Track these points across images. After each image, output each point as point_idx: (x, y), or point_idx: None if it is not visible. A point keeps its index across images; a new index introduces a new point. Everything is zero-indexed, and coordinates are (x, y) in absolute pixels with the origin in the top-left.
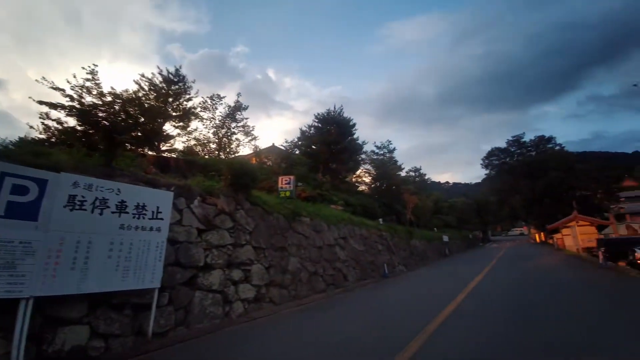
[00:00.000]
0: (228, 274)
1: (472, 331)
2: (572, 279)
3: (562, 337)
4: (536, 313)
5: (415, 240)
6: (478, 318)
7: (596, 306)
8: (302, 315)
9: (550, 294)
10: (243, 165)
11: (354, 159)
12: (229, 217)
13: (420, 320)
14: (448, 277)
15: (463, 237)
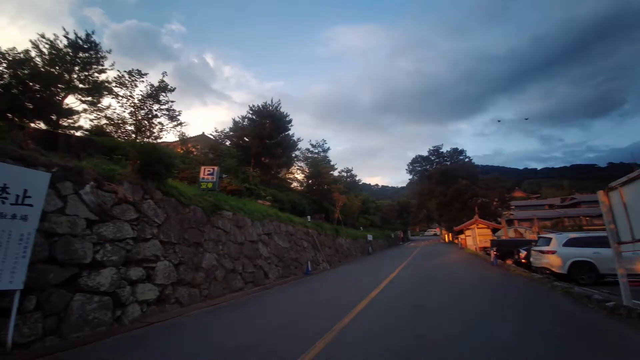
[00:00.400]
0: (124, 272)
1: (381, 327)
2: (469, 274)
3: (457, 315)
4: (439, 300)
5: (341, 239)
6: (388, 312)
7: (485, 293)
8: (210, 317)
9: (451, 286)
10: (156, 150)
11: (288, 155)
12: (133, 208)
13: (331, 318)
14: (367, 273)
15: (386, 236)
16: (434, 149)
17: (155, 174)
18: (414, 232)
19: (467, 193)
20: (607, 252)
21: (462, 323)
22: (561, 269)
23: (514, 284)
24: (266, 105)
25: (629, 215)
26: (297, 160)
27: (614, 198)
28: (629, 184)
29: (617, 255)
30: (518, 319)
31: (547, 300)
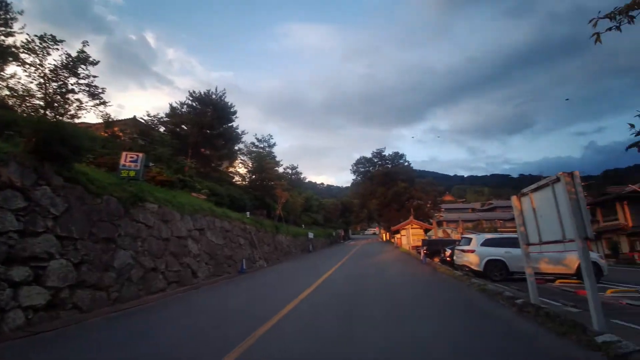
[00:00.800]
0: (4, 272)
1: (302, 332)
2: (399, 272)
3: (388, 304)
4: (368, 300)
5: (282, 236)
6: (314, 315)
7: (411, 292)
8: (113, 324)
9: (381, 285)
10: (59, 128)
11: (230, 147)
12: (20, 195)
13: (253, 323)
14: (303, 272)
15: (327, 235)
16: (377, 151)
17: (56, 156)
18: (355, 231)
19: (405, 195)
20: (516, 251)
21: (386, 323)
22: (478, 266)
23: (438, 282)
24: (209, 93)
25: (537, 219)
26: (241, 154)
27: (525, 203)
28: (539, 190)
29: (525, 255)
30: (438, 317)
31: (465, 298)
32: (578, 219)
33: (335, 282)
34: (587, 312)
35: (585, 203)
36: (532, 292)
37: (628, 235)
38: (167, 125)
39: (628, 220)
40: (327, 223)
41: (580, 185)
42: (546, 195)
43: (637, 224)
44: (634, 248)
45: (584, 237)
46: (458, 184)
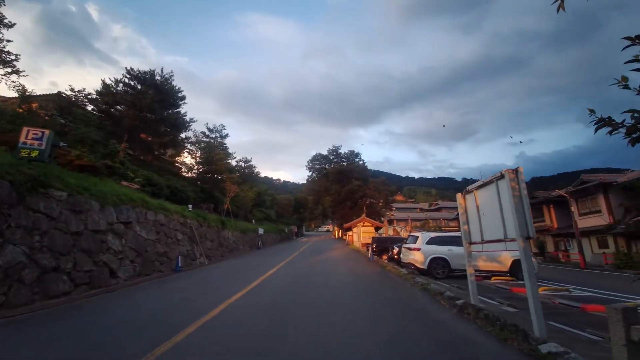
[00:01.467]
0: None
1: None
2: (345, 270)
3: (325, 306)
4: (310, 295)
5: (228, 231)
6: (243, 321)
7: (354, 292)
8: None
9: (324, 284)
10: None
11: (175, 135)
12: None
13: (164, 332)
14: (247, 269)
15: (280, 231)
16: (334, 149)
17: None
18: (310, 228)
19: (358, 193)
20: (458, 249)
21: (317, 328)
22: (423, 264)
23: (382, 280)
24: (153, 73)
25: (480, 217)
26: (189, 143)
27: (470, 201)
28: (483, 188)
29: (467, 254)
30: (375, 320)
31: (406, 298)
32: (520, 217)
33: (275, 281)
34: (523, 312)
35: (528, 201)
36: (472, 292)
37: (553, 235)
38: (98, 104)
39: (554, 222)
40: (280, 219)
41: (524, 182)
42: (490, 193)
43: (561, 225)
44: (558, 247)
45: (526, 237)
46: (409, 185)
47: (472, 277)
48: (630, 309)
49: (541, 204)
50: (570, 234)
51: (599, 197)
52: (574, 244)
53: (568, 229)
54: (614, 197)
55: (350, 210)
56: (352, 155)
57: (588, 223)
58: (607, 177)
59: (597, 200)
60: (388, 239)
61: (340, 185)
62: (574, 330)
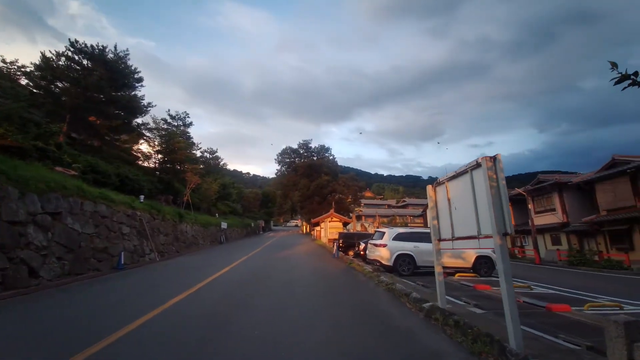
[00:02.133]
0: None
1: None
2: (307, 266)
3: (275, 311)
4: (263, 296)
5: (186, 225)
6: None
7: (313, 291)
8: None
9: (283, 278)
10: None
11: (128, 119)
12: None
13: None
14: (200, 266)
15: (245, 225)
16: (304, 142)
17: None
18: (278, 223)
19: (327, 188)
20: (424, 246)
21: (263, 340)
22: (388, 261)
23: (345, 279)
24: (104, 49)
25: (452, 212)
26: (146, 129)
27: (441, 193)
28: (456, 179)
29: (436, 252)
30: (330, 329)
31: (369, 301)
32: (498, 211)
33: (226, 281)
34: (491, 314)
35: (506, 193)
36: (440, 294)
37: None
38: (35, 79)
39: (511, 219)
40: (247, 213)
41: (502, 171)
42: (464, 185)
43: (518, 222)
44: (514, 244)
45: (503, 233)
46: (377, 182)
47: (440, 276)
48: (633, 323)
49: None
50: (526, 231)
51: (554, 196)
52: (529, 240)
53: (524, 226)
54: (568, 197)
55: (319, 205)
56: (323, 150)
57: (543, 221)
58: (562, 178)
59: (552, 199)
60: (355, 235)
61: (310, 179)
62: (546, 336)
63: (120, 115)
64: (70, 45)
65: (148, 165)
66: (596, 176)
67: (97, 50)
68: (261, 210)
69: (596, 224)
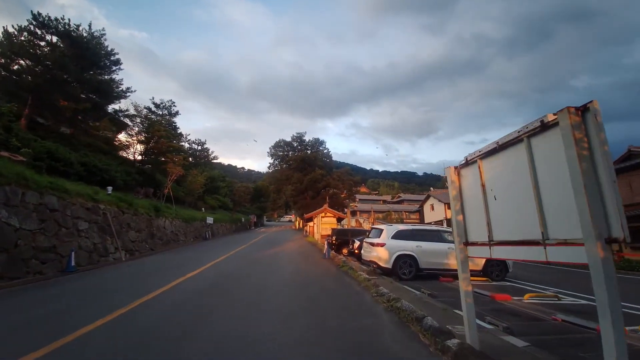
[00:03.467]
0: None
1: None
2: (291, 270)
3: (249, 326)
4: (237, 305)
5: (165, 220)
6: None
7: (290, 305)
8: None
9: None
10: None
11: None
12: None
13: None
14: (175, 265)
15: (235, 220)
16: (298, 135)
17: None
18: (272, 218)
19: (321, 182)
20: (427, 245)
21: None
22: (387, 263)
23: (335, 290)
24: (78, 28)
25: (488, 203)
26: (126, 117)
27: (468, 178)
28: (497, 154)
29: (461, 262)
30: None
31: (367, 326)
32: (594, 200)
33: (187, 289)
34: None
35: (612, 166)
36: (469, 325)
37: None
38: None
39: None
40: (239, 208)
41: (603, 130)
42: (511, 162)
43: None
44: None
45: (607, 238)
46: (373, 178)
47: (469, 298)
48: None
49: None
50: None
51: None
52: None
53: None
54: None
55: (313, 200)
56: (317, 143)
57: None
58: None
59: None
60: (349, 231)
61: (303, 173)
62: None
63: (90, 99)
64: (32, 19)
65: (127, 155)
66: None
67: (63, 25)
68: (254, 205)
69: None
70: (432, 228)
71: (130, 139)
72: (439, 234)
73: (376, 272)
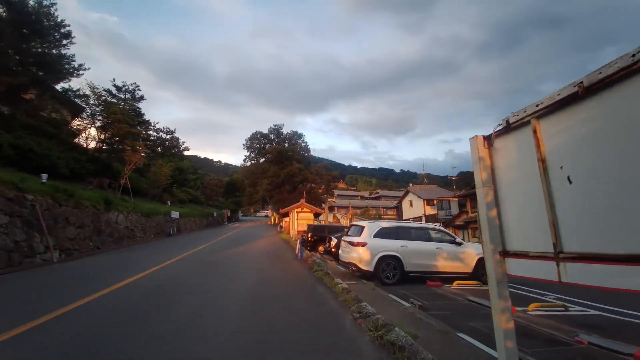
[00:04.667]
0: None
1: None
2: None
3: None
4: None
5: (118, 214)
6: None
7: (251, 318)
8: None
9: (217, 297)
10: None
11: (45, 79)
12: None
13: None
14: (116, 269)
15: (206, 215)
16: (275, 127)
17: None
18: (248, 213)
19: (298, 176)
20: (413, 245)
21: None
22: (368, 265)
23: (303, 309)
24: None
25: (551, 190)
26: (77, 97)
27: (511, 151)
28: (574, 105)
29: (496, 282)
30: None
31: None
32: None
33: (97, 312)
34: None
35: None
36: None
37: None
38: None
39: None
40: (210, 202)
41: None
42: (609, 115)
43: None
44: None
45: None
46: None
47: (510, 339)
48: None
49: None
50: None
51: None
52: None
53: None
54: None
55: (289, 194)
56: (295, 136)
57: None
58: None
59: None
60: (326, 228)
61: (280, 167)
62: None
63: (31, 73)
64: None
65: (80, 142)
66: None
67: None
68: (229, 199)
69: None
70: (419, 225)
71: (82, 122)
72: (426, 232)
73: (355, 276)
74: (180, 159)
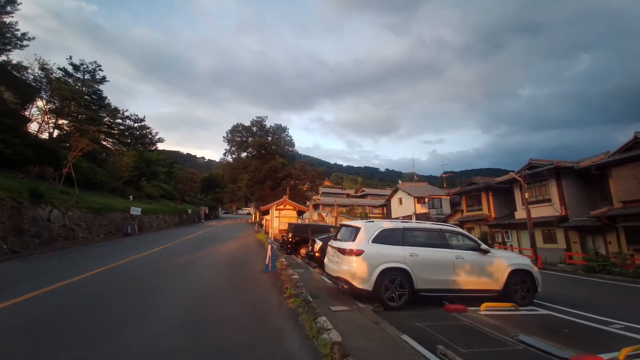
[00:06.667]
0: None
1: None
2: (203, 296)
3: None
4: None
5: (52, 209)
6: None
7: None
8: None
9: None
10: None
11: None
12: None
13: None
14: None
15: (179, 212)
16: (258, 120)
17: None
18: (230, 210)
19: (281, 172)
20: (427, 253)
21: None
22: (366, 282)
23: None
24: None
25: None
26: (16, 70)
27: None
28: None
29: None
30: None
31: None
32: None
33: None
34: None
35: None
36: None
37: (490, 226)
38: None
39: (491, 211)
40: (186, 197)
41: None
42: None
43: (499, 215)
44: (494, 239)
45: None
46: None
47: None
48: None
49: (480, 191)
50: (511, 225)
51: (551, 184)
52: (513, 235)
53: (507, 219)
54: (567, 185)
55: (272, 191)
56: (279, 130)
57: (534, 214)
58: (562, 162)
59: (548, 188)
60: (309, 227)
61: (262, 161)
62: None
63: None
64: None
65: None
66: (612, 159)
67: None
68: (208, 195)
69: (608, 218)
70: (432, 226)
71: (22, 101)
72: (441, 236)
73: (347, 295)
74: (151, 151)
